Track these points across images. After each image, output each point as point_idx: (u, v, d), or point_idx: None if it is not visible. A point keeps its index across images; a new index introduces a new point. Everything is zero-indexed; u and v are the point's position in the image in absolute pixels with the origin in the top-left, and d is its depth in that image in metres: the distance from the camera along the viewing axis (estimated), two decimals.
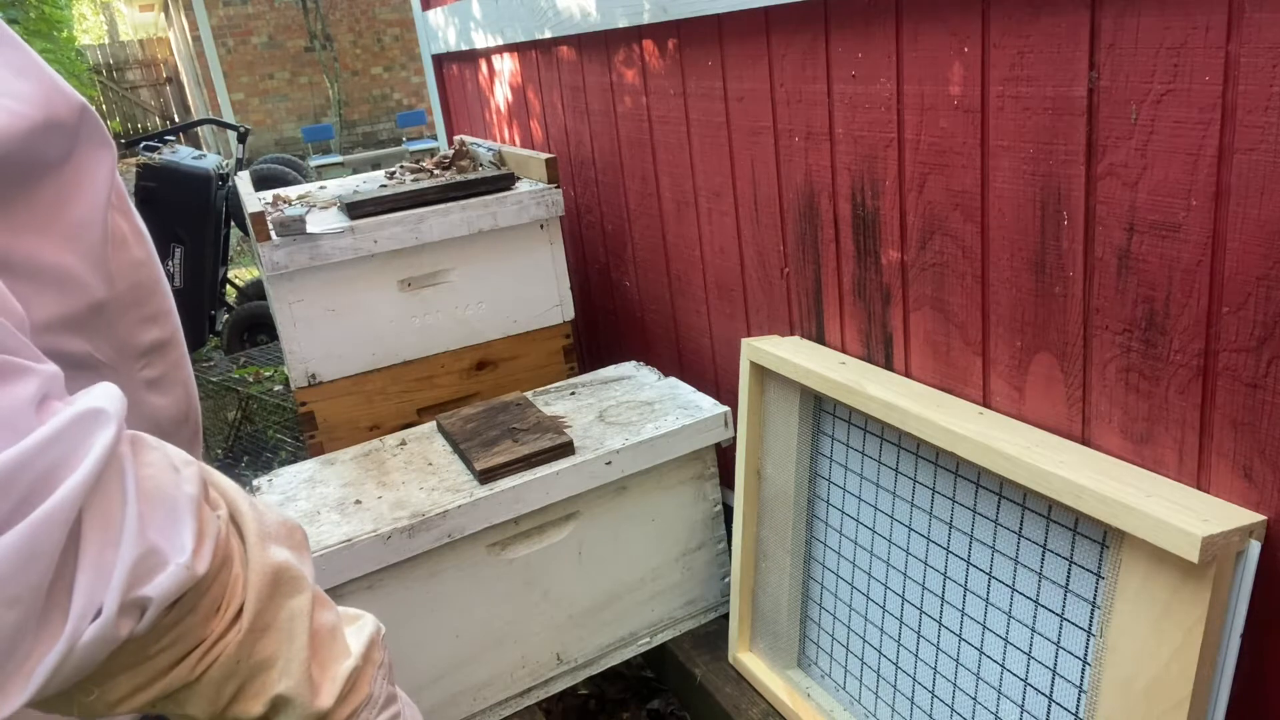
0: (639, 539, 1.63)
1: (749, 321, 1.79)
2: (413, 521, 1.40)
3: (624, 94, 2.02)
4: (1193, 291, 0.96)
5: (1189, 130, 0.92)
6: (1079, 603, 1.07)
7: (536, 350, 2.09)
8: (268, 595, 0.52)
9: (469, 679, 1.53)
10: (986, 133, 1.15)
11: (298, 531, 0.58)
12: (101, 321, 0.73)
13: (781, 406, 1.49)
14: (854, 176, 1.40)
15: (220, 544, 0.50)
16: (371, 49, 11.61)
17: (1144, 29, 0.94)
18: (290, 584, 0.54)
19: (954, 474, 1.22)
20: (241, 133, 4.51)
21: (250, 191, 2.08)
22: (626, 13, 1.80)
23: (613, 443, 1.55)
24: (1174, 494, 0.98)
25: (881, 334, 1.43)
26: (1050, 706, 1.11)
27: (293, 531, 0.57)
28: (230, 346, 4.14)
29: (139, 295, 0.79)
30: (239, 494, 0.55)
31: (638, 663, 1.87)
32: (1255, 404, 0.93)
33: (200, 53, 10.95)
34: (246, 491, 0.58)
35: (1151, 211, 0.98)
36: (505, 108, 2.77)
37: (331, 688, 0.54)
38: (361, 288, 1.87)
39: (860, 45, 1.31)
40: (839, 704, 1.47)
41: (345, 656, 0.56)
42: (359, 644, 0.58)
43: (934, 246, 1.28)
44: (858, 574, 1.41)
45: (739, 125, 1.65)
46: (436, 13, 3.01)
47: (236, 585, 0.51)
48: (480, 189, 1.97)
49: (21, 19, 7.71)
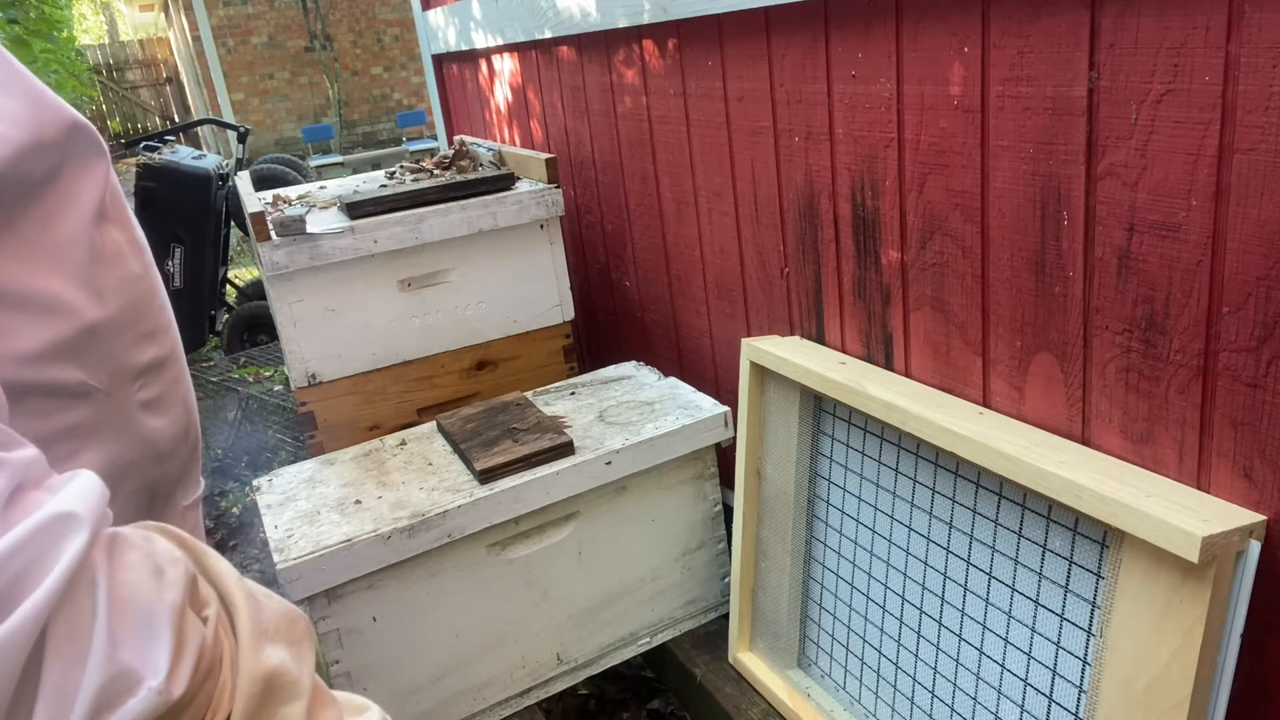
0: (639, 539, 1.63)
1: (749, 321, 1.79)
2: (413, 521, 1.40)
3: (624, 94, 2.02)
4: (1193, 291, 0.96)
5: (1189, 130, 0.92)
6: (1079, 603, 1.07)
7: (536, 350, 2.09)
8: (258, 705, 0.47)
9: (469, 679, 1.53)
10: (986, 133, 1.15)
11: (300, 623, 0.53)
12: (96, 344, 0.71)
13: (781, 406, 1.49)
14: (854, 176, 1.40)
15: (204, 655, 0.46)
16: (371, 49, 11.61)
17: (1144, 29, 0.94)
18: (285, 690, 0.49)
19: (954, 474, 1.22)
20: (241, 133, 4.51)
21: (250, 191, 2.08)
22: (626, 13, 1.80)
23: (613, 443, 1.55)
24: (1174, 494, 0.98)
25: (881, 334, 1.43)
26: (1050, 706, 1.11)
27: (294, 624, 0.52)
28: (230, 346, 4.14)
29: (135, 312, 0.77)
30: (236, 584, 0.51)
31: (638, 663, 1.87)
32: (1255, 404, 0.93)
33: (200, 53, 10.94)
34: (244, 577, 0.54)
35: (1151, 211, 0.98)
36: (505, 108, 2.77)
37: None
38: (361, 288, 1.87)
39: (860, 45, 1.31)
40: (839, 704, 1.47)
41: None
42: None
43: (934, 246, 1.28)
44: (858, 574, 1.41)
45: (739, 125, 1.65)
46: (436, 13, 3.01)
47: (224, 695, 0.47)
48: (480, 189, 1.97)
49: (21, 19, 7.71)
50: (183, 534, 0.51)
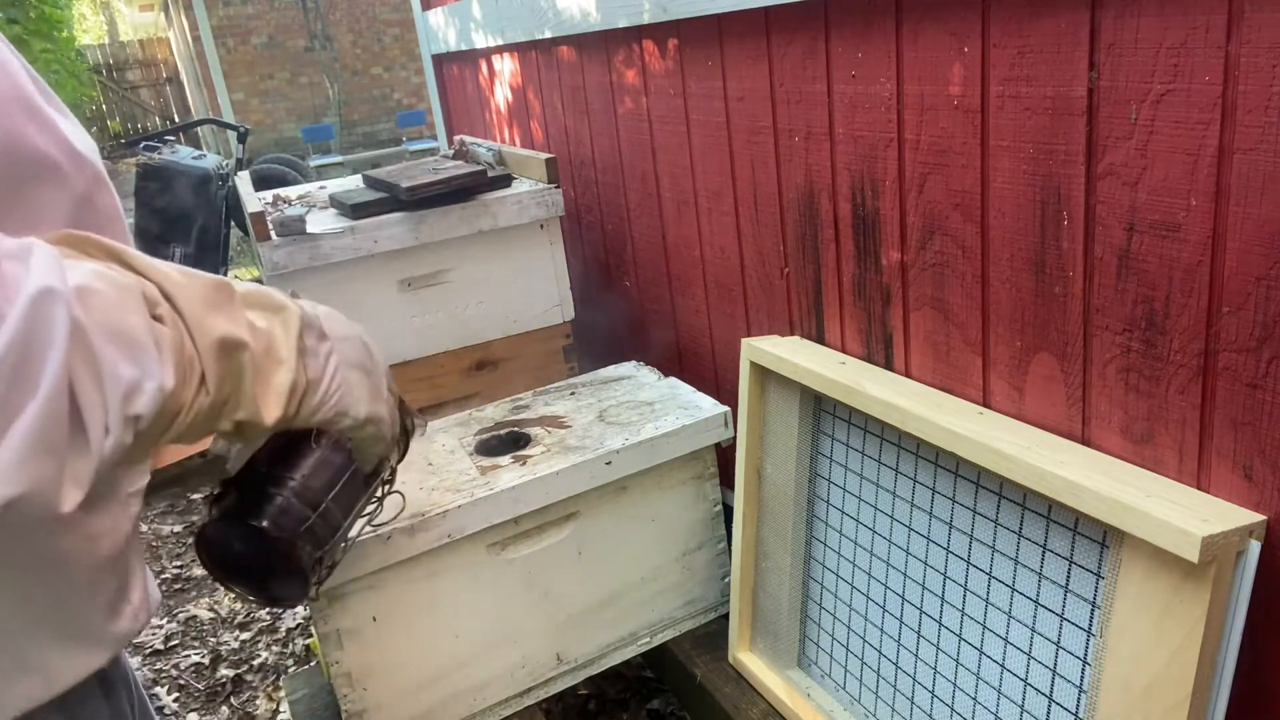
0: (639, 539, 1.63)
1: (749, 321, 1.79)
2: (413, 521, 1.40)
3: (624, 94, 2.02)
4: (1193, 291, 0.96)
5: (1189, 130, 0.92)
6: (1079, 603, 1.07)
7: (536, 350, 2.09)
8: (219, 359, 0.62)
9: (469, 679, 1.53)
10: (986, 133, 1.15)
11: (224, 287, 0.66)
12: None
13: (781, 406, 1.49)
14: (854, 176, 1.40)
15: (175, 344, 0.60)
16: (371, 49, 11.60)
17: (1144, 29, 0.94)
18: (233, 345, 0.64)
19: (954, 474, 1.22)
20: (241, 133, 4.51)
21: (250, 191, 2.08)
22: (626, 13, 1.80)
23: (613, 443, 1.55)
24: (1174, 494, 0.98)
25: (881, 334, 1.43)
26: (1050, 706, 1.11)
27: (220, 288, 0.65)
28: None
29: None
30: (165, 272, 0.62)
31: (638, 663, 1.87)
32: (1255, 404, 0.93)
33: (200, 53, 10.94)
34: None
35: (1151, 211, 0.98)
36: (505, 108, 2.78)
37: (276, 401, 0.67)
38: (361, 288, 1.87)
39: (860, 45, 1.31)
40: (839, 704, 1.47)
41: (278, 368, 0.68)
42: (289, 345, 0.69)
43: (934, 246, 1.28)
44: (858, 574, 1.41)
45: (739, 125, 1.65)
46: (436, 13, 3.01)
47: (194, 364, 0.61)
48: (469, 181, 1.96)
49: (21, 19, 7.71)
50: (104, 241, 0.61)
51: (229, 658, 2.26)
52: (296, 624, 2.34)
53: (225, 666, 2.23)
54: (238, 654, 2.27)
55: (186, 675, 2.21)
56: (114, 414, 0.54)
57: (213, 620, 2.42)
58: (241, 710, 2.07)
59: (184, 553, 2.78)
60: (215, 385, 0.63)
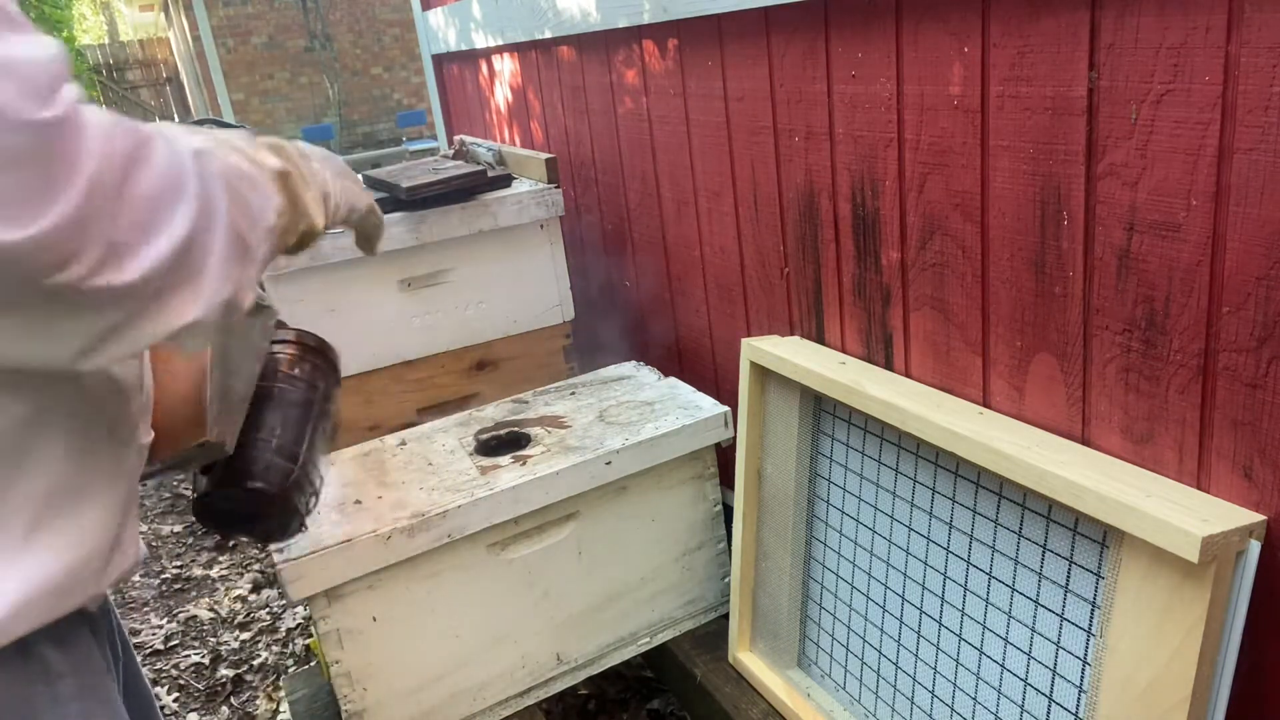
0: (639, 539, 1.63)
1: (749, 321, 1.79)
2: (413, 521, 1.40)
3: (624, 94, 2.02)
4: (1193, 291, 0.96)
5: (1189, 130, 0.92)
6: (1079, 603, 1.07)
7: (536, 350, 2.09)
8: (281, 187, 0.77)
9: (469, 679, 1.53)
10: (986, 133, 1.15)
11: (249, 137, 0.78)
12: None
13: (781, 406, 1.49)
14: (854, 176, 1.40)
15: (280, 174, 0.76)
16: (371, 49, 11.60)
17: (1144, 29, 0.94)
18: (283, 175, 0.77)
19: (954, 474, 1.22)
20: None
21: None
22: (626, 13, 1.80)
23: (613, 443, 1.55)
24: (1174, 494, 0.98)
25: (881, 334, 1.43)
26: (1050, 706, 1.11)
27: (248, 137, 0.78)
28: None
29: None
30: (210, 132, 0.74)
31: (638, 663, 1.87)
32: (1255, 404, 0.93)
33: (200, 53, 10.94)
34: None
35: (1151, 211, 0.98)
36: (505, 108, 2.78)
37: (318, 210, 0.82)
38: (362, 288, 1.87)
39: (860, 45, 1.31)
40: (839, 704, 1.47)
41: (309, 186, 0.81)
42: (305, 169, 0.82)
43: (934, 246, 1.28)
44: (858, 574, 1.41)
45: (739, 125, 1.65)
46: (436, 13, 3.01)
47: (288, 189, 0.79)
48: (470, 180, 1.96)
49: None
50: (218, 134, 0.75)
51: (229, 658, 2.26)
52: (296, 624, 2.34)
53: (225, 666, 2.23)
54: (238, 654, 2.27)
55: (186, 675, 2.21)
56: (259, 231, 0.70)
57: (213, 620, 2.42)
58: (241, 710, 2.07)
59: (184, 553, 2.78)
60: (291, 204, 0.79)
